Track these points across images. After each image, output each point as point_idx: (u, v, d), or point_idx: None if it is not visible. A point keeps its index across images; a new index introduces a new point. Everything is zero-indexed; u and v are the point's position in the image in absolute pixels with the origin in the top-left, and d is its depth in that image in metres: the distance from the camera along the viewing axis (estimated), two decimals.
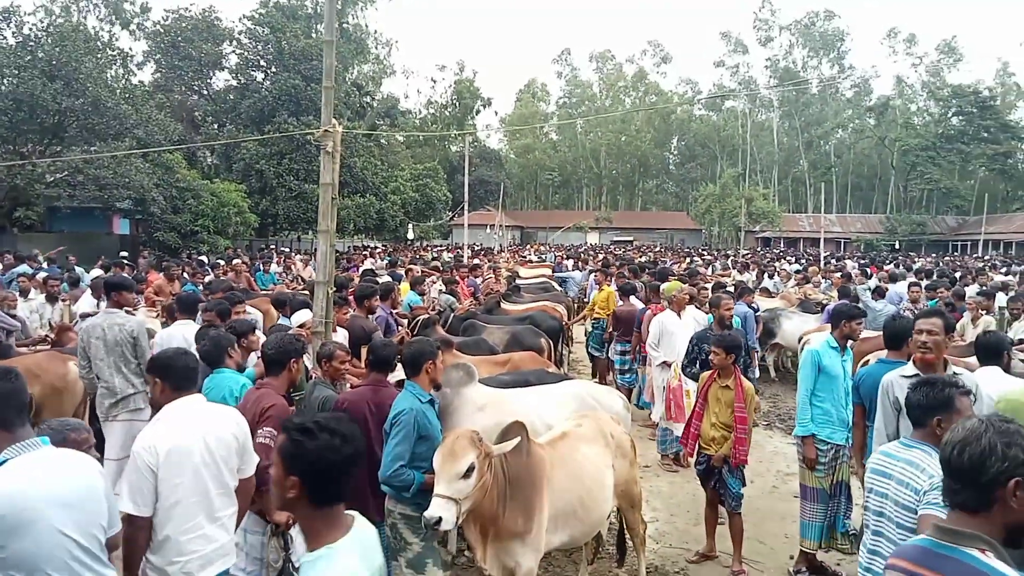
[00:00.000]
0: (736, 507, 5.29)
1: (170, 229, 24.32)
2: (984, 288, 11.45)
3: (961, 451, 1.90)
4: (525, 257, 29.85)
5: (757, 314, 10.26)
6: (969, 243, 51.76)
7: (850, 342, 5.24)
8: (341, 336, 6.18)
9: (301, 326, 5.83)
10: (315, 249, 8.00)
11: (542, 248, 40.42)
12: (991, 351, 4.49)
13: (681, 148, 76.13)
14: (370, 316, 7.02)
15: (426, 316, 7.33)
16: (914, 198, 62.40)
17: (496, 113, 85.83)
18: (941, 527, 1.92)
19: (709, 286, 10.66)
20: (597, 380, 10.47)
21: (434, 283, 11.63)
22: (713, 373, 5.42)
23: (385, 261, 21.33)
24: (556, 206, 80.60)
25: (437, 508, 3.39)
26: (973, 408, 2.95)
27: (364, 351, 5.10)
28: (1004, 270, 22.68)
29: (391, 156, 43.16)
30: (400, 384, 4.20)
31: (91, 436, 3.26)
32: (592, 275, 15.32)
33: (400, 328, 7.31)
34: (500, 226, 43.99)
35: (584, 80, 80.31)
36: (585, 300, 14.43)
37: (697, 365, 6.79)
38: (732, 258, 28.24)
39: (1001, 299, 10.16)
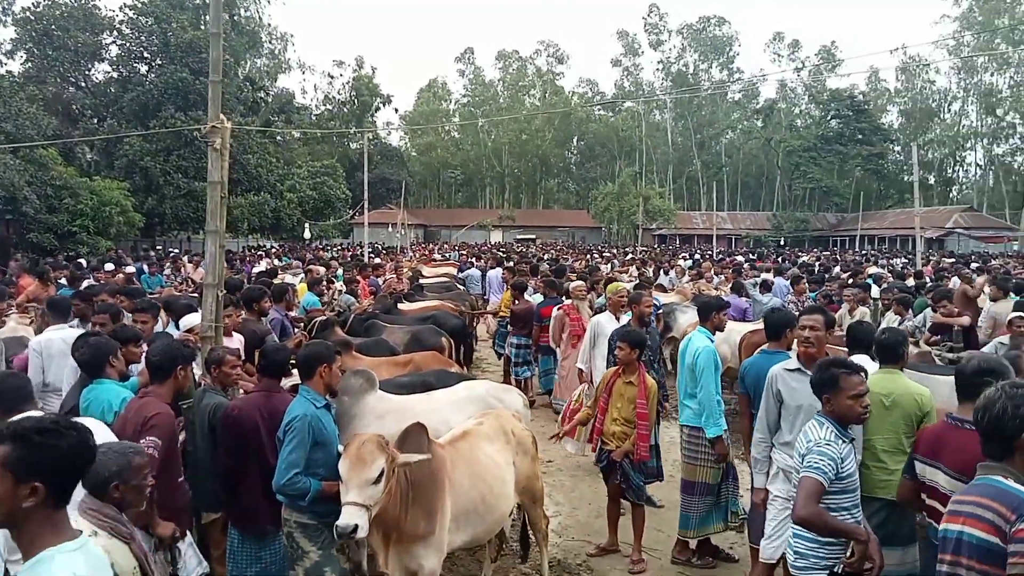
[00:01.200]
0: (638, 499, 5.39)
1: (45, 230, 22.66)
2: (860, 281, 12.24)
3: (984, 415, 2.42)
4: (433, 256, 29.64)
5: (657, 311, 10.58)
6: (848, 238, 55.32)
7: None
8: (237, 341, 5.94)
9: (189, 331, 5.56)
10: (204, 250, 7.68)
11: (447, 247, 40.28)
12: (859, 341, 4.77)
13: (581, 148, 77.51)
14: (263, 319, 6.78)
15: (324, 318, 7.15)
16: (798, 196, 65.99)
17: (396, 111, 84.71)
18: (981, 464, 2.46)
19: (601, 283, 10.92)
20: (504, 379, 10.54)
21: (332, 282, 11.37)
22: (618, 369, 5.48)
23: (285, 262, 20.69)
24: (459, 204, 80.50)
25: (351, 516, 3.30)
26: None
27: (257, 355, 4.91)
28: (881, 263, 24.31)
29: (287, 153, 41.91)
30: (295, 389, 4.07)
31: None
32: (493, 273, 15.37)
33: (296, 331, 7.09)
34: (403, 224, 43.51)
35: (487, 79, 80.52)
36: (486, 298, 14.48)
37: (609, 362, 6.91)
38: (631, 255, 29.01)
39: (875, 291, 10.91)
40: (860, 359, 4.63)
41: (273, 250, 28.29)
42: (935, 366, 6.19)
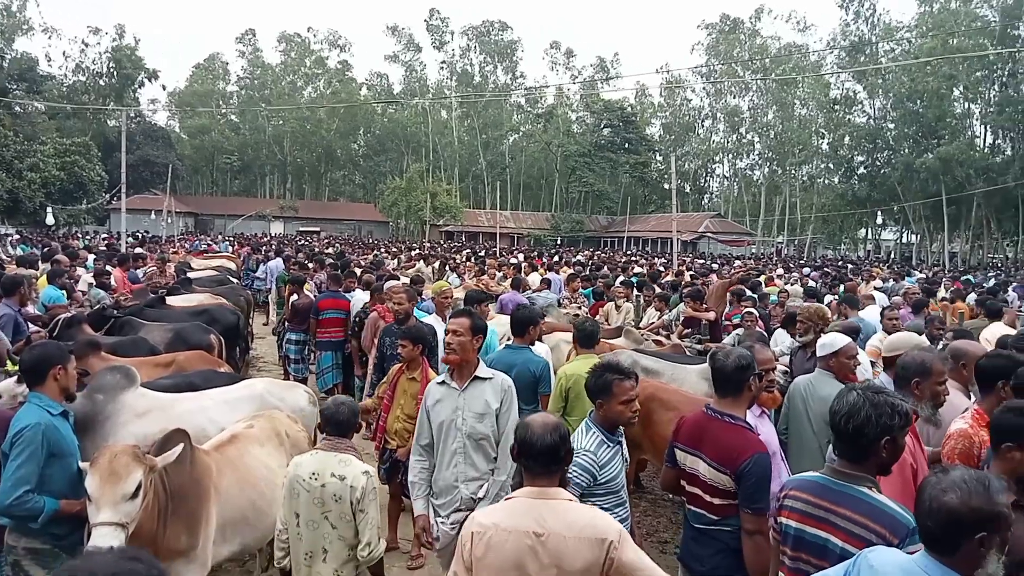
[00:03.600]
0: None
1: None
2: (626, 279, 13.28)
3: (847, 421, 2.51)
4: (212, 248, 27.38)
5: None
6: (617, 239, 59.93)
7: None
8: None
9: None
10: None
11: (222, 238, 37.62)
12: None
13: (369, 141, 76.17)
14: None
15: (68, 315, 6.33)
16: (574, 199, 70.16)
17: (164, 88, 77.68)
18: (835, 468, 2.56)
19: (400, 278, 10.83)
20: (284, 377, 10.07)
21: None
22: (402, 366, 5.39)
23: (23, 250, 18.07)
24: (236, 192, 75.72)
25: (106, 537, 2.91)
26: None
27: None
28: (642, 263, 26.56)
29: (29, 127, 36.78)
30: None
31: None
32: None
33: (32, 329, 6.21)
34: (169, 212, 39.93)
35: (267, 62, 76.32)
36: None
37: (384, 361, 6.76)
38: (417, 251, 29.07)
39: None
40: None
41: (11, 237, 24.62)
42: (685, 356, 6.87)
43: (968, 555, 1.94)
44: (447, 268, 18.12)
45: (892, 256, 53.37)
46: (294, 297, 9.74)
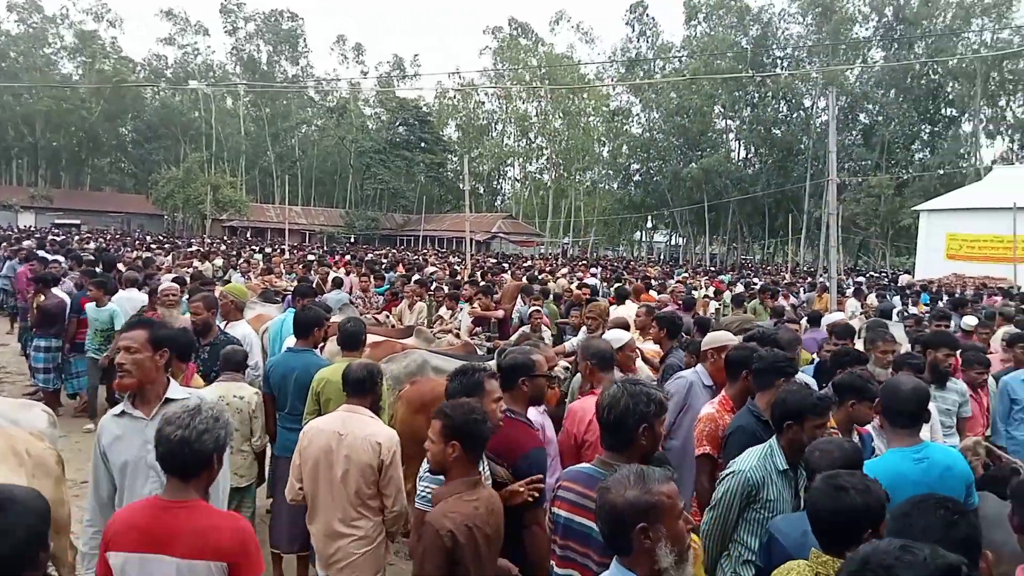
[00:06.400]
0: None
1: None
2: (420, 278, 13.30)
3: (609, 412, 2.68)
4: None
5: None
6: (413, 238, 59.98)
7: None
8: None
9: None
10: None
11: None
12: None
13: (139, 126, 69.13)
14: None
15: None
16: (369, 196, 69.06)
17: None
18: (603, 460, 2.71)
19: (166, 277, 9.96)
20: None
21: None
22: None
23: None
24: None
25: None
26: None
27: None
28: (435, 262, 26.78)
29: None
30: None
31: None
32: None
33: None
34: None
35: (6, 30, 66.08)
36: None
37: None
38: (196, 247, 27.05)
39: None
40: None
41: None
42: (476, 355, 6.99)
43: (639, 550, 1.99)
44: (230, 266, 17.04)
45: (663, 257, 58.59)
46: (40, 298, 8.59)
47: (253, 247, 30.41)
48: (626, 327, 6.03)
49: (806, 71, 48.89)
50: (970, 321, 7.95)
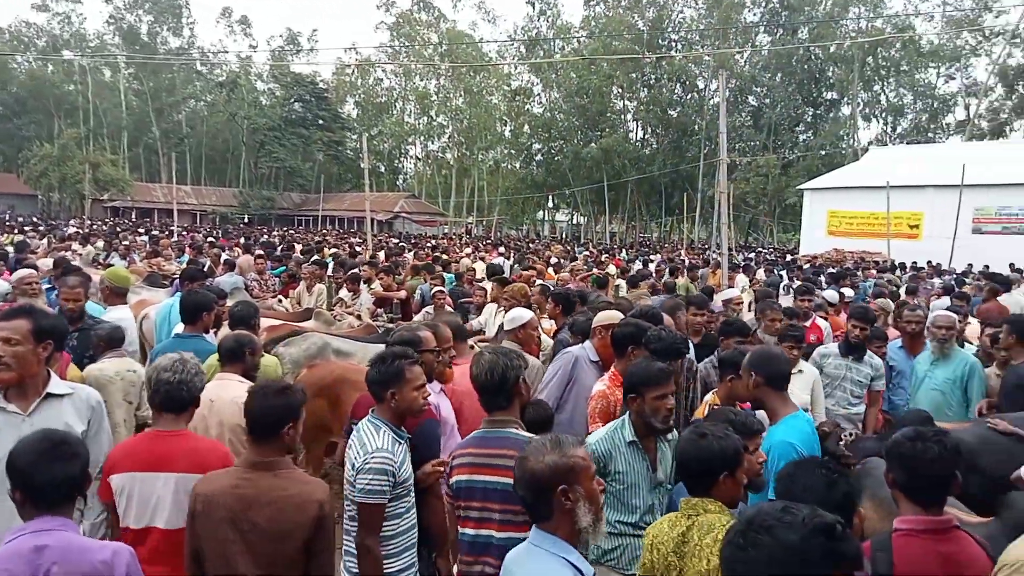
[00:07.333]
0: None
1: None
2: (321, 260, 12.92)
3: (489, 375, 2.96)
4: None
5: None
6: (311, 218, 58.31)
7: None
8: None
9: None
10: None
11: None
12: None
13: (5, 99, 63.70)
14: None
15: None
16: (264, 175, 66.55)
17: None
18: (489, 420, 3.00)
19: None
20: None
21: None
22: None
23: None
24: None
25: None
26: None
27: None
28: (336, 244, 26.14)
29: None
30: None
31: None
32: None
33: None
34: None
35: None
36: None
37: None
38: (76, 229, 25.32)
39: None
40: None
41: None
42: (377, 336, 6.88)
43: (560, 512, 2.07)
44: (112, 249, 16.04)
45: (565, 236, 59.42)
46: None
47: (138, 229, 28.73)
48: (528, 306, 6.12)
49: (699, 54, 50.46)
50: (831, 297, 8.48)
